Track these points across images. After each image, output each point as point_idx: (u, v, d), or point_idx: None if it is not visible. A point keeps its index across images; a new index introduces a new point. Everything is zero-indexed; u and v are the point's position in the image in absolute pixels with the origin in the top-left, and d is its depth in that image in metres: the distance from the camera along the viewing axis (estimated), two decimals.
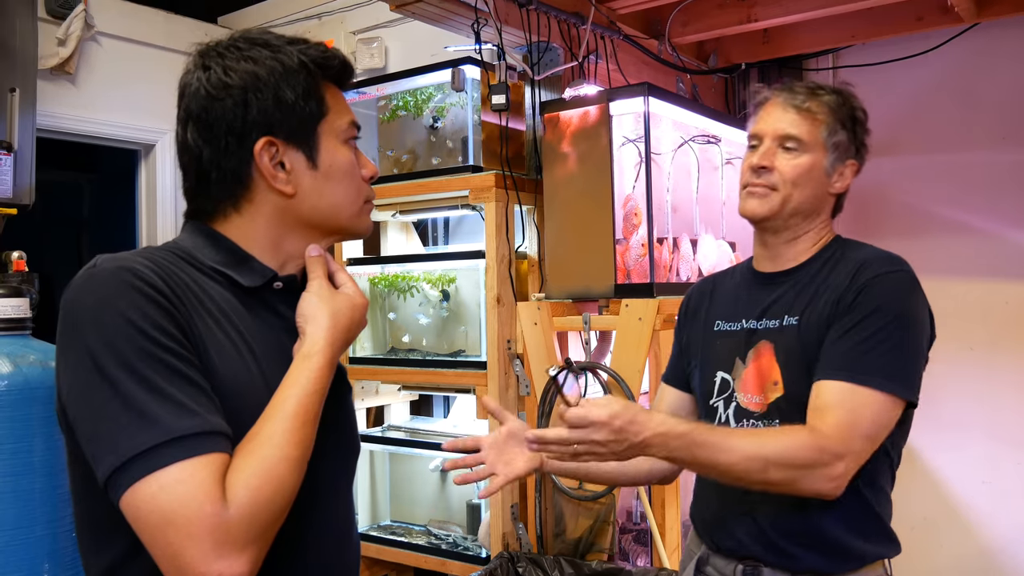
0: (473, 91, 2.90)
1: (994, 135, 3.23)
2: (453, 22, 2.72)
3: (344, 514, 1.18)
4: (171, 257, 1.05)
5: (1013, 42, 3.18)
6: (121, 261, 0.97)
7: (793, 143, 1.55)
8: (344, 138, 1.13)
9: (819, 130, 1.55)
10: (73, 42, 3.55)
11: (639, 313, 2.42)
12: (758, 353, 1.57)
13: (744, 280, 1.69)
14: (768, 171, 1.56)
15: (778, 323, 1.56)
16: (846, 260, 1.56)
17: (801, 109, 1.56)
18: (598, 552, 2.53)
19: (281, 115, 1.07)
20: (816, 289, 1.54)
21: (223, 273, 1.07)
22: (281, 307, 1.11)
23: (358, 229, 1.18)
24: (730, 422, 1.58)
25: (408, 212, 3.25)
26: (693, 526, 1.69)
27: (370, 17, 3.91)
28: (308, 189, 1.10)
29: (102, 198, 5.48)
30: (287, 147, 1.08)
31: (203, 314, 1.00)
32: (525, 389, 2.70)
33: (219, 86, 1.07)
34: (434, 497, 3.21)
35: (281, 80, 1.07)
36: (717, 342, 1.65)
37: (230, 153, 1.07)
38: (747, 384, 1.57)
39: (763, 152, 1.57)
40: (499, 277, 2.73)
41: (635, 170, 2.67)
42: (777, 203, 1.56)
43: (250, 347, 1.04)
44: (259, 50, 1.09)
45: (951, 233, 3.27)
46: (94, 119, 3.78)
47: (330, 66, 1.13)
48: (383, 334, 3.27)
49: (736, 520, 1.55)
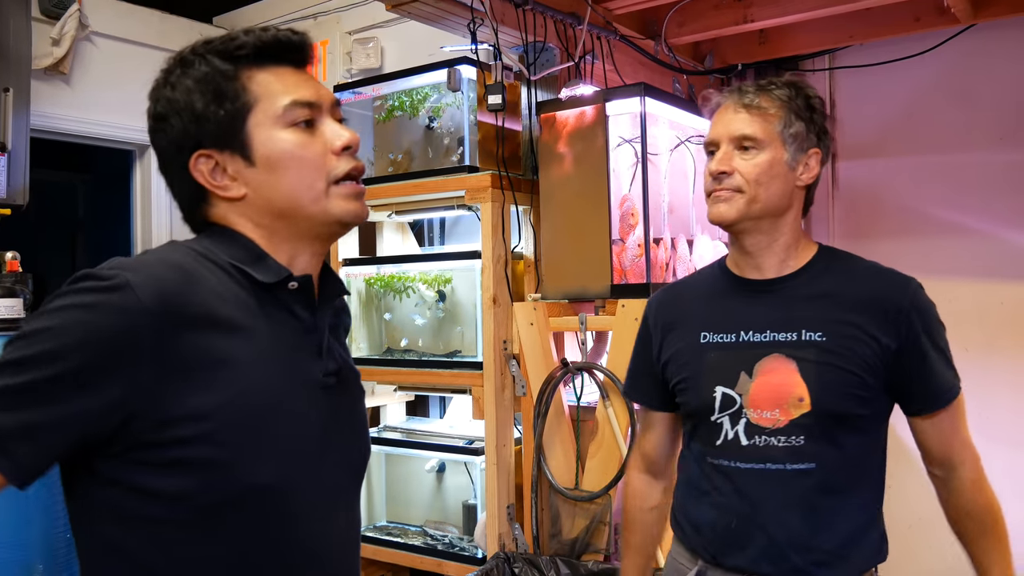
0: (469, 91, 2.89)
1: (990, 136, 3.23)
2: (449, 22, 2.72)
3: (348, 521, 1.17)
4: (193, 255, 1.04)
5: (1009, 43, 3.18)
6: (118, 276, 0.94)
7: (749, 142, 1.53)
8: (284, 122, 1.06)
9: (773, 125, 1.53)
10: (67, 42, 3.54)
11: (635, 313, 2.41)
12: (770, 367, 1.52)
13: (727, 288, 1.63)
14: (728, 175, 1.53)
15: (795, 337, 1.51)
16: (853, 272, 1.57)
17: (751, 107, 1.54)
18: (594, 552, 2.53)
19: (199, 128, 1.06)
20: (835, 303, 1.52)
21: (240, 269, 1.05)
22: (297, 307, 1.09)
23: (333, 215, 1.09)
24: (740, 439, 1.53)
25: (404, 212, 3.24)
26: (679, 537, 1.65)
27: (366, 17, 3.90)
28: (256, 186, 1.07)
29: (97, 199, 5.47)
30: (221, 153, 1.06)
31: (210, 328, 0.98)
32: (521, 390, 2.70)
33: (154, 120, 1.09)
34: (430, 498, 3.21)
35: (191, 94, 1.06)
36: (710, 354, 1.58)
37: (179, 178, 1.09)
38: (758, 400, 1.52)
39: (720, 157, 1.55)
40: (495, 277, 2.72)
41: (631, 171, 2.67)
42: (743, 204, 1.52)
43: (265, 353, 1.03)
44: (178, 71, 1.08)
45: (946, 234, 3.27)
46: (89, 119, 3.77)
47: (241, 55, 1.07)
48: (379, 335, 3.26)
49: (748, 535, 1.51)
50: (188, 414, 0.95)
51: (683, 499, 1.65)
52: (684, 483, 1.65)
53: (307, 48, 1.12)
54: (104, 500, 0.98)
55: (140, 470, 0.95)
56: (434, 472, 3.17)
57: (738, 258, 1.62)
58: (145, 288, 0.94)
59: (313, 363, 1.09)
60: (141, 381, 0.93)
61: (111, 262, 0.97)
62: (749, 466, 1.51)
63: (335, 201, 1.08)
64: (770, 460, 1.50)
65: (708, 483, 1.57)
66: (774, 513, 1.49)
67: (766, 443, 1.51)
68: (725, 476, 1.54)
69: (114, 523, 0.98)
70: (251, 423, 0.98)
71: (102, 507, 0.98)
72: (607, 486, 2.47)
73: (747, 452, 1.51)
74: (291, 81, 1.09)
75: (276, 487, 1.01)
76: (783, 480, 1.49)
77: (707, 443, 1.57)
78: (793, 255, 1.58)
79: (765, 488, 1.50)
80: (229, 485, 0.98)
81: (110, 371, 0.92)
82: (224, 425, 0.97)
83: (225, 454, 0.97)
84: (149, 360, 0.93)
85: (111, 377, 0.92)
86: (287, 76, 1.09)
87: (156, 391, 0.94)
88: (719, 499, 1.54)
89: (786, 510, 1.48)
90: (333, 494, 1.10)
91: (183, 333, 0.95)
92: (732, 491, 1.53)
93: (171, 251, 1.04)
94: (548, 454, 2.60)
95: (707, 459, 1.57)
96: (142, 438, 0.94)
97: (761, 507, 1.49)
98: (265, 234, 1.09)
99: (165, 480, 0.96)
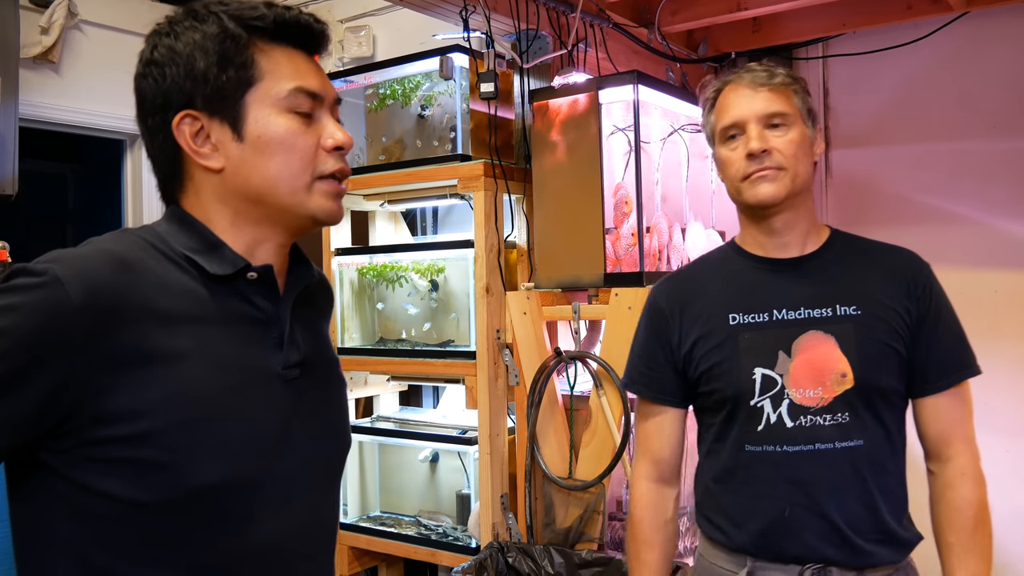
0: (461, 79, 2.88)
1: (984, 124, 3.23)
2: (441, 10, 2.70)
3: (323, 512, 1.14)
4: (141, 244, 1.01)
5: (1002, 31, 3.18)
6: (48, 271, 0.91)
7: (778, 119, 1.51)
8: (285, 106, 1.03)
9: (794, 100, 1.53)
10: (56, 31, 3.51)
11: (628, 302, 2.41)
12: (809, 344, 1.49)
13: (750, 269, 1.59)
14: (768, 154, 1.49)
15: (830, 312, 1.50)
16: (870, 249, 1.59)
17: (772, 86, 1.52)
18: (588, 541, 2.53)
19: (194, 85, 1.01)
20: (862, 277, 1.53)
21: (191, 260, 1.02)
22: (257, 299, 1.06)
23: (309, 210, 1.06)
24: (784, 421, 1.48)
25: (396, 201, 3.23)
26: (714, 537, 1.58)
27: (358, 5, 3.88)
28: (237, 162, 1.03)
29: (87, 188, 5.44)
30: (210, 119, 1.02)
31: (149, 323, 0.95)
32: (514, 379, 2.69)
33: (145, 64, 1.04)
34: (424, 488, 3.20)
35: (196, 49, 1.02)
36: (743, 336, 1.53)
37: (157, 131, 1.04)
38: (800, 378, 1.48)
39: (757, 136, 1.50)
40: (488, 266, 2.71)
41: (625, 159, 2.66)
42: (788, 182, 1.50)
43: (212, 347, 1.00)
44: (186, 22, 1.04)
45: (940, 222, 3.27)
46: (78, 108, 3.74)
47: (259, 26, 1.03)
48: (372, 324, 3.25)
49: (803, 522, 1.47)
50: (123, 412, 0.92)
51: (717, 495, 1.58)
52: (716, 478, 1.58)
53: (325, 38, 1.10)
54: (50, 493, 0.96)
55: (85, 466, 0.93)
56: (427, 462, 3.17)
57: (761, 238, 1.59)
58: (75, 283, 0.91)
59: (272, 355, 1.06)
60: (72, 378, 0.91)
61: (48, 255, 0.94)
62: (797, 449, 1.47)
63: (315, 197, 1.06)
64: (819, 440, 1.46)
65: (748, 473, 1.52)
66: (829, 495, 1.45)
67: (812, 423, 1.47)
68: (769, 463, 1.49)
69: (60, 518, 0.96)
70: (193, 421, 0.95)
71: (49, 500, 0.96)
72: (601, 475, 2.47)
73: (793, 434, 1.47)
74: (302, 67, 1.06)
75: (224, 486, 0.98)
76: (833, 460, 1.46)
77: (746, 431, 1.51)
78: (814, 232, 1.59)
79: (816, 470, 1.46)
80: (174, 485, 0.95)
81: (39, 370, 0.89)
82: (164, 424, 0.94)
83: (166, 454, 0.94)
84: (79, 357, 0.91)
85: (41, 376, 0.89)
86: (299, 61, 1.06)
87: (89, 388, 0.91)
88: (764, 488, 1.50)
89: (841, 490, 1.46)
90: (294, 492, 1.06)
91: (116, 328, 0.93)
92: (780, 478, 1.48)
93: (113, 241, 1.00)
94: (542, 443, 2.60)
95: (746, 448, 1.52)
96: (82, 435, 0.92)
97: (814, 490, 1.46)
98: (230, 215, 1.05)
99: (109, 478, 0.93)
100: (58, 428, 0.92)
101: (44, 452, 0.94)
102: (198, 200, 1.06)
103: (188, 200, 1.07)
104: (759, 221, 1.57)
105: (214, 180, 1.04)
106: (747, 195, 1.53)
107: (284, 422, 1.06)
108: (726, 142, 1.55)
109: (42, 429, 0.92)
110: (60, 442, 0.93)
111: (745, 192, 1.53)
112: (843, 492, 1.46)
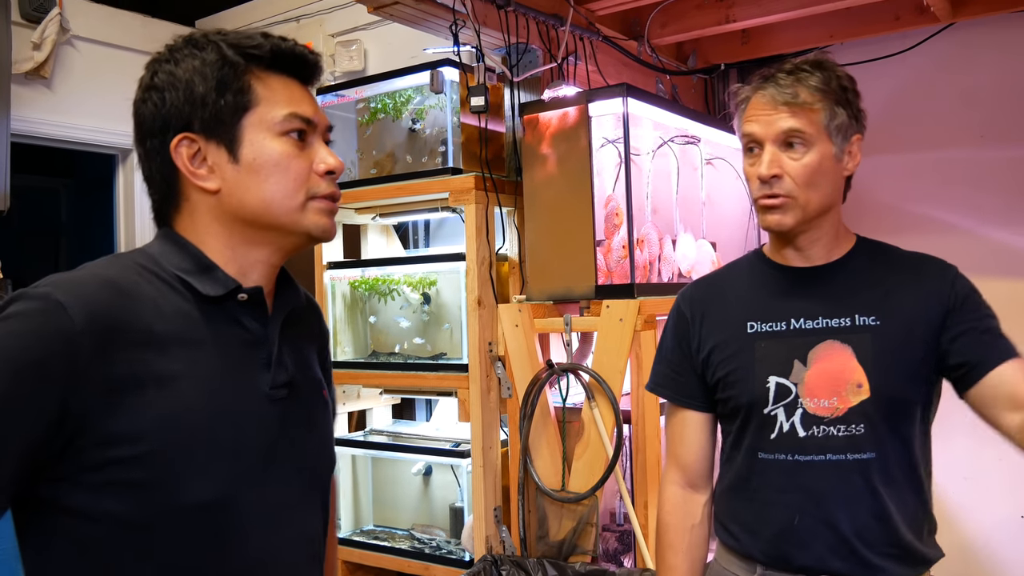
0: (452, 93, 2.89)
1: (972, 133, 3.25)
2: (431, 24, 2.71)
3: (310, 528, 1.15)
4: (135, 268, 1.03)
5: (988, 41, 3.20)
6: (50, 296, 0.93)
7: (795, 137, 1.43)
8: (279, 130, 1.07)
9: (819, 118, 1.44)
10: (48, 46, 3.52)
11: (620, 314, 2.41)
12: (824, 354, 1.46)
13: (771, 277, 1.56)
14: (779, 179, 1.44)
15: (848, 322, 1.46)
16: (896, 258, 1.55)
17: (794, 104, 1.43)
18: (581, 554, 2.53)
19: (192, 109, 1.05)
20: (884, 288, 1.49)
21: (185, 282, 1.04)
22: (246, 319, 1.08)
23: (303, 228, 1.09)
24: (797, 431, 1.46)
25: (388, 215, 3.24)
26: (729, 544, 1.56)
27: (349, 20, 3.89)
28: (232, 184, 1.06)
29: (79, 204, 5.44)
30: (207, 142, 1.06)
31: (144, 345, 0.97)
32: (507, 391, 2.69)
33: (145, 89, 1.08)
34: (417, 501, 3.20)
35: (195, 75, 1.05)
36: (759, 344, 1.50)
37: (155, 153, 1.08)
38: (814, 388, 1.45)
39: (769, 160, 1.44)
40: (480, 279, 2.72)
41: (615, 171, 2.67)
42: (799, 212, 1.45)
43: (203, 369, 1.02)
44: (186, 50, 1.08)
45: (929, 231, 3.29)
46: (70, 124, 3.75)
47: (255, 54, 1.08)
48: (364, 338, 3.25)
49: (812, 532, 1.44)
50: (122, 434, 0.94)
51: (731, 502, 1.56)
52: (731, 485, 1.56)
53: (318, 68, 1.14)
54: (55, 533, 0.97)
55: (82, 491, 0.94)
56: (420, 475, 3.16)
57: (783, 249, 1.55)
58: (76, 308, 0.93)
59: (261, 376, 1.08)
60: (76, 402, 0.92)
61: (44, 280, 0.95)
62: (808, 458, 1.45)
63: (309, 214, 1.09)
64: (830, 451, 1.44)
65: (760, 480, 1.50)
66: (839, 506, 1.42)
67: (825, 433, 1.44)
68: (781, 471, 1.47)
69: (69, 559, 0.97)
70: (188, 441, 0.97)
71: (54, 540, 0.97)
72: (594, 487, 2.47)
73: (805, 444, 1.45)
74: (296, 94, 1.10)
75: (214, 504, 1.00)
76: (844, 471, 1.43)
77: (759, 438, 1.49)
78: (838, 243, 1.54)
79: (827, 481, 1.44)
80: (166, 504, 0.97)
81: (47, 395, 0.90)
82: (158, 445, 0.95)
83: (160, 474, 0.96)
84: (82, 380, 0.92)
85: (49, 400, 0.90)
86: (293, 88, 1.10)
87: (91, 411, 0.93)
88: (776, 496, 1.48)
89: (851, 502, 1.43)
90: (280, 509, 1.08)
91: (116, 352, 0.95)
92: (791, 487, 1.46)
93: (108, 266, 1.02)
94: (534, 456, 2.60)
95: (759, 455, 1.50)
96: (82, 459, 0.93)
97: (825, 501, 1.43)
98: (225, 235, 1.08)
99: (105, 500, 0.95)
100: (61, 453, 0.93)
101: (43, 484, 0.95)
102: (192, 221, 1.09)
103: (183, 221, 1.09)
104: (779, 235, 1.54)
105: (210, 201, 1.07)
106: (760, 219, 1.50)
107: (272, 441, 1.08)
108: (747, 155, 1.51)
109: (49, 454, 0.92)
110: (59, 469, 0.94)
111: (759, 215, 1.50)
112: (854, 504, 1.43)
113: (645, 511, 2.43)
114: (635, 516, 2.43)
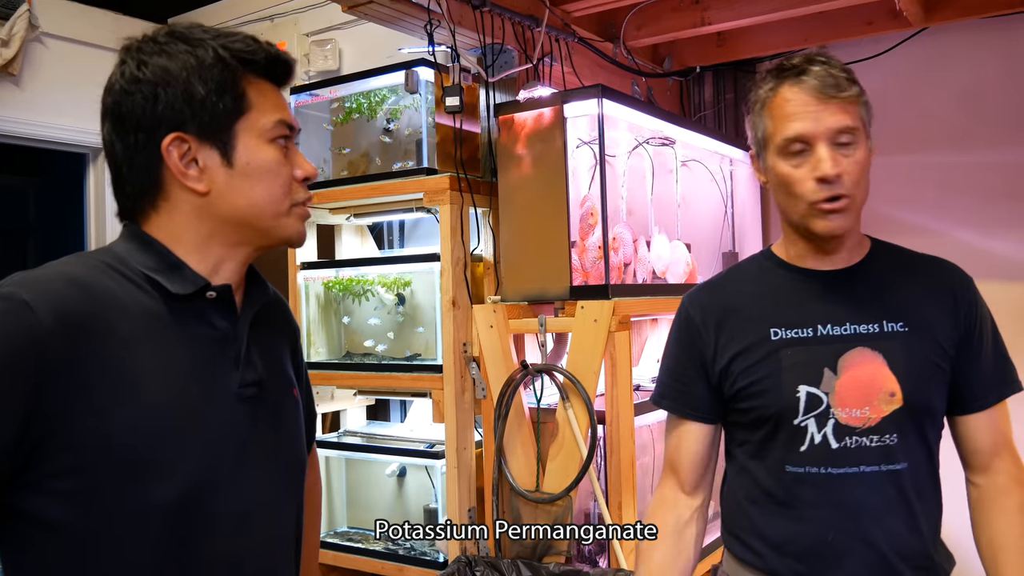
0: (427, 93, 2.88)
1: (945, 138, 3.28)
2: (406, 23, 2.71)
3: (282, 527, 1.15)
4: (100, 267, 1.02)
5: (961, 46, 3.24)
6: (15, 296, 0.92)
7: (848, 136, 1.36)
8: (269, 137, 1.09)
9: (861, 112, 1.39)
10: (16, 43, 3.48)
11: (594, 315, 2.41)
12: (856, 361, 1.40)
13: (789, 281, 1.49)
14: (840, 179, 1.35)
15: (877, 328, 1.40)
16: (914, 262, 1.52)
17: (842, 98, 1.36)
18: (555, 554, 2.52)
19: (191, 110, 1.04)
20: (907, 292, 1.45)
21: (152, 280, 1.03)
22: (215, 318, 1.08)
23: (285, 233, 1.12)
24: (829, 442, 1.39)
25: (362, 215, 3.22)
26: (748, 560, 1.48)
27: (323, 19, 3.87)
28: (224, 187, 1.06)
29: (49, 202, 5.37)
30: (200, 144, 1.05)
31: (112, 344, 0.96)
32: (481, 392, 2.69)
33: (131, 80, 1.06)
34: (391, 502, 3.18)
35: (193, 75, 1.05)
36: (786, 352, 1.42)
37: (140, 149, 1.06)
38: (846, 397, 1.39)
39: (830, 159, 1.35)
40: (454, 280, 2.71)
41: (590, 172, 2.68)
42: (856, 211, 1.40)
43: (171, 367, 1.01)
44: (177, 44, 1.07)
45: (903, 235, 3.28)
46: (40, 122, 3.70)
47: (253, 60, 1.09)
48: (338, 338, 3.23)
49: (847, 548, 1.38)
50: (89, 434, 0.93)
51: (751, 515, 1.47)
52: (750, 498, 1.48)
53: (293, 72, 1.17)
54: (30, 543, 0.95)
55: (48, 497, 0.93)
56: (395, 476, 3.15)
57: (807, 253, 1.48)
58: (43, 307, 0.92)
59: (229, 374, 1.07)
60: (43, 404, 0.91)
61: (8, 279, 0.94)
62: (842, 471, 1.38)
63: (292, 221, 1.12)
64: (864, 463, 1.37)
65: (787, 494, 1.42)
66: (875, 521, 1.37)
67: (858, 444, 1.38)
68: (812, 485, 1.39)
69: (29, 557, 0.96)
70: (154, 440, 0.97)
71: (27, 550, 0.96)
72: (568, 487, 2.47)
73: (838, 456, 1.38)
74: (279, 100, 1.13)
75: (183, 503, 0.99)
76: (878, 483, 1.37)
77: (788, 450, 1.41)
78: (858, 243, 1.50)
79: (861, 494, 1.38)
80: (135, 503, 0.96)
81: (16, 395, 0.89)
82: (126, 444, 0.95)
83: (128, 473, 0.95)
84: (51, 381, 0.91)
85: (18, 401, 0.89)
86: (276, 94, 1.13)
87: (59, 413, 0.92)
88: (807, 512, 1.40)
89: (887, 516, 1.37)
90: (251, 508, 1.07)
91: (84, 352, 0.94)
92: (824, 501, 1.39)
93: (73, 264, 1.01)
94: (509, 456, 2.60)
95: (787, 468, 1.42)
96: (49, 463, 0.92)
97: (860, 515, 1.37)
98: (204, 234, 1.08)
99: (67, 506, 0.93)
100: (28, 457, 0.91)
101: (11, 492, 0.93)
102: (170, 219, 1.07)
103: (158, 218, 1.08)
104: (811, 239, 1.45)
105: (196, 201, 1.07)
106: (817, 226, 1.39)
107: (241, 439, 1.07)
108: (788, 156, 1.39)
109: (16, 459, 0.91)
110: (26, 475, 0.92)
111: (815, 222, 1.39)
112: (889, 518, 1.38)
113: (619, 511, 2.43)
114: (609, 516, 2.44)
